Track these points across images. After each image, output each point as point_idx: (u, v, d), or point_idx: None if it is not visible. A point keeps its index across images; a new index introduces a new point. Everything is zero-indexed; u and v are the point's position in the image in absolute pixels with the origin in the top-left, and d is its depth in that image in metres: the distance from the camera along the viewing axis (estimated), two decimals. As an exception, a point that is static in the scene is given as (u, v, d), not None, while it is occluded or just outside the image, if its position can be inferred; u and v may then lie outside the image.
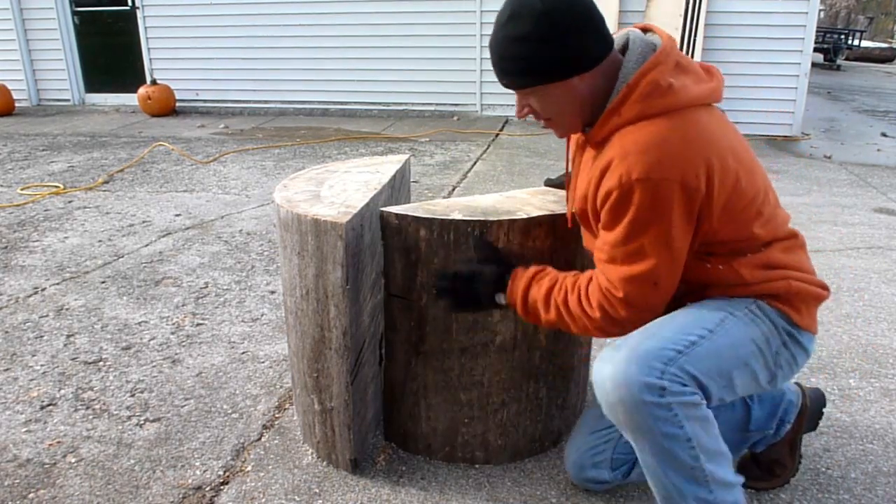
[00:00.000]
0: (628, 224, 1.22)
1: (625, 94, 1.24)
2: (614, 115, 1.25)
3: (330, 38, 7.36)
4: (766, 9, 6.18)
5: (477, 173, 4.85)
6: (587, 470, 1.57)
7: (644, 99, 1.22)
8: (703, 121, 1.24)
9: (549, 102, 1.30)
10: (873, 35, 24.48)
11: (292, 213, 1.51)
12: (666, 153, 1.19)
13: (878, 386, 2.12)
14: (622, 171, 1.19)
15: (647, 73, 1.23)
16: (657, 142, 1.19)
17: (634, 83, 1.23)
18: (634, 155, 1.19)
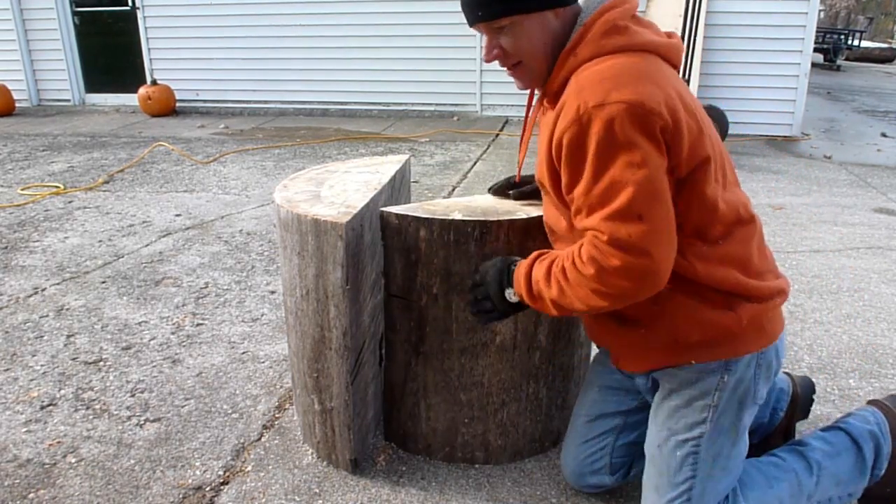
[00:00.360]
0: (592, 159, 1.15)
1: (581, 34, 1.24)
2: (570, 56, 1.24)
3: (330, 38, 7.36)
4: (766, 9, 6.18)
5: (477, 173, 4.85)
6: (587, 477, 1.58)
7: (600, 38, 1.22)
8: (661, 66, 1.23)
9: (523, 39, 1.28)
10: (873, 35, 24.48)
11: (292, 213, 1.51)
12: (624, 80, 1.16)
13: (878, 386, 2.12)
14: (578, 102, 1.16)
15: (605, 12, 1.23)
16: (614, 72, 1.17)
17: (591, 22, 1.23)
18: (590, 86, 1.17)
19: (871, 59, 17.06)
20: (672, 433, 1.37)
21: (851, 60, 16.61)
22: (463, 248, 1.53)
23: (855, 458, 1.47)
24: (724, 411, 1.35)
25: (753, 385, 1.36)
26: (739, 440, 1.39)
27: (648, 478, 1.43)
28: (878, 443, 1.49)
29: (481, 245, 1.52)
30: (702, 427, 1.35)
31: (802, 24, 6.16)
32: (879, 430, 1.50)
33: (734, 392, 1.34)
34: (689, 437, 1.36)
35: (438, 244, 1.53)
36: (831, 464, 1.45)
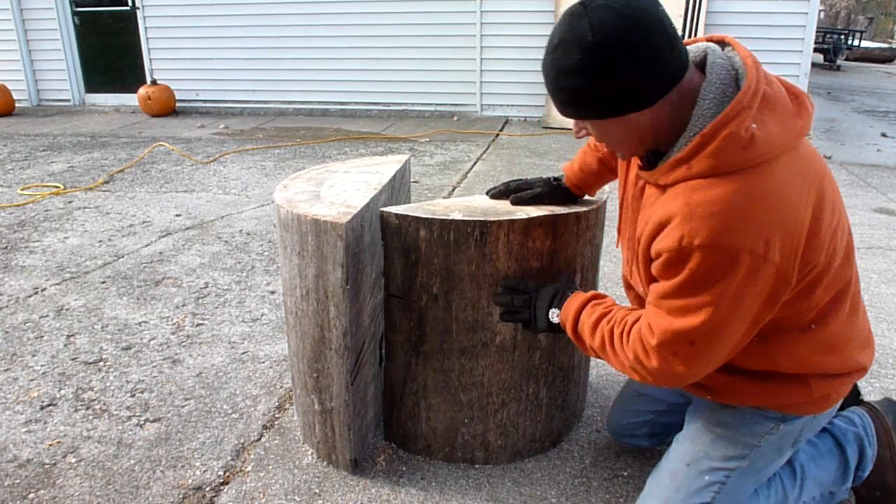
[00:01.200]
0: (680, 283, 1.11)
1: (698, 146, 1.08)
2: (682, 166, 1.11)
3: (330, 38, 7.36)
4: (766, 9, 6.18)
5: (477, 173, 4.85)
6: (624, 438, 1.74)
7: (719, 154, 1.07)
8: (782, 176, 1.09)
9: (604, 133, 1.18)
10: (873, 35, 24.49)
11: (292, 213, 1.51)
12: (736, 219, 1.05)
13: (879, 386, 2.12)
14: (683, 232, 1.07)
15: (727, 123, 1.07)
16: (728, 205, 1.05)
17: (711, 135, 1.07)
18: (699, 219, 1.06)
19: (871, 59, 17.06)
20: (707, 457, 1.37)
21: (851, 60, 16.61)
22: (463, 248, 1.53)
23: (839, 461, 1.48)
24: (764, 454, 1.35)
25: (799, 437, 1.38)
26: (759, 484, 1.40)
27: (660, 487, 1.41)
28: (862, 445, 1.49)
29: (481, 245, 1.52)
30: (738, 462, 1.35)
31: (802, 24, 6.17)
32: (865, 432, 1.50)
33: (780, 439, 1.35)
34: (722, 467, 1.36)
35: (438, 244, 1.53)
36: (815, 467, 1.46)
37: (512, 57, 6.99)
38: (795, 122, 1.12)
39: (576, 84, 1.09)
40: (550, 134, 6.38)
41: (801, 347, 1.24)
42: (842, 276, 1.23)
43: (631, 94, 1.08)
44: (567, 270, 1.61)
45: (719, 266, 1.07)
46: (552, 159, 5.33)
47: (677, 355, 1.16)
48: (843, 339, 1.27)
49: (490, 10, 6.90)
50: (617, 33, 1.04)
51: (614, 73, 1.06)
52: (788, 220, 1.07)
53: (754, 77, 1.09)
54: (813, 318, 1.23)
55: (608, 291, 2.84)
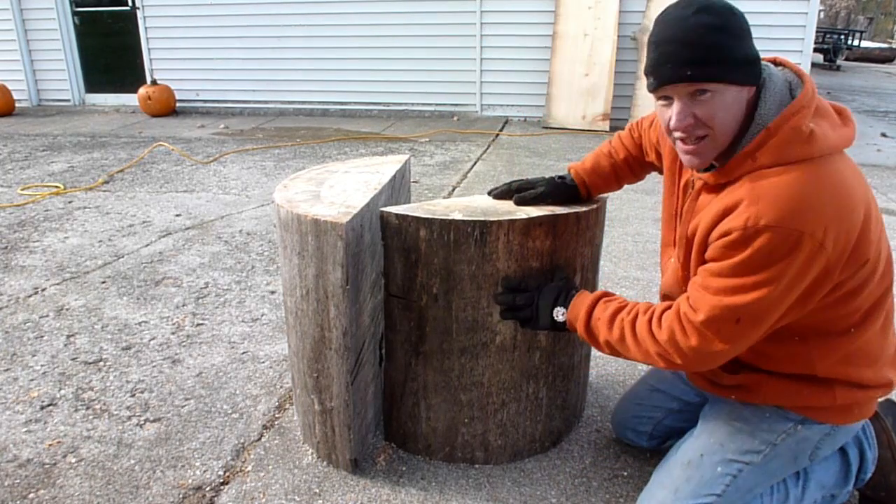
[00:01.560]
0: (739, 262, 1.17)
1: (763, 138, 1.18)
2: (749, 159, 1.19)
3: (330, 38, 7.36)
4: (766, 9, 6.18)
5: (477, 173, 4.85)
6: (627, 431, 1.75)
7: (784, 145, 1.16)
8: (840, 171, 1.18)
9: (721, 109, 1.19)
10: (873, 35, 24.49)
11: (292, 213, 1.51)
12: (801, 203, 1.13)
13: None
14: (751, 213, 1.14)
15: (791, 118, 1.17)
16: (793, 191, 1.13)
17: (776, 128, 1.17)
18: (768, 200, 1.14)
19: (871, 59, 17.06)
20: (723, 449, 1.39)
21: (851, 60, 16.61)
22: (463, 248, 1.53)
23: (840, 463, 1.48)
24: (779, 455, 1.37)
25: (816, 449, 1.39)
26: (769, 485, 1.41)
27: (669, 477, 1.42)
28: (862, 447, 1.49)
29: (481, 245, 1.52)
30: (753, 457, 1.37)
31: (802, 24, 6.17)
32: (864, 434, 1.50)
33: (798, 443, 1.37)
34: (737, 459, 1.37)
35: (438, 244, 1.53)
36: (818, 469, 1.46)
37: (512, 57, 6.99)
38: (844, 129, 1.22)
39: (725, 41, 1.16)
40: (550, 134, 6.38)
41: (839, 352, 1.29)
42: (883, 283, 1.28)
43: (756, 64, 1.19)
44: (565, 268, 1.61)
45: (782, 247, 1.13)
46: (552, 159, 5.33)
47: (720, 333, 1.21)
48: (876, 350, 1.32)
49: (490, 10, 6.90)
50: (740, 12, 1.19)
51: (748, 39, 1.18)
52: (845, 213, 1.15)
53: (810, 83, 1.21)
54: (853, 323, 1.27)
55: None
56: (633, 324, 1.33)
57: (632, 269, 3.06)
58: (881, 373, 1.34)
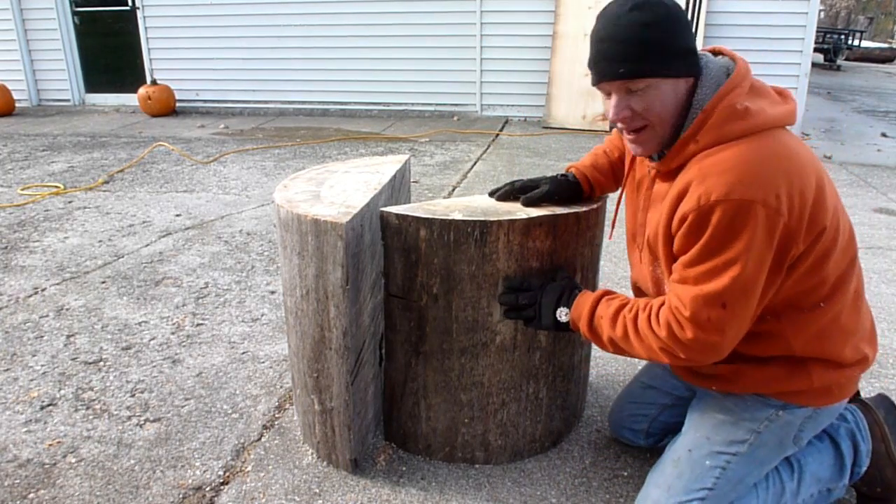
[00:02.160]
0: (703, 245, 1.20)
1: (701, 120, 1.22)
2: (690, 143, 1.24)
3: (330, 38, 7.36)
4: (766, 9, 6.18)
5: (477, 173, 4.85)
6: (624, 431, 1.76)
7: (721, 124, 1.21)
8: (785, 141, 1.22)
9: (656, 102, 1.25)
10: (873, 35, 24.49)
11: (292, 213, 1.51)
12: (747, 173, 1.16)
13: (879, 386, 2.12)
14: (701, 191, 1.18)
15: (723, 97, 1.21)
16: (737, 163, 1.17)
17: (710, 108, 1.21)
18: (714, 176, 1.17)
19: (871, 59, 17.06)
20: (709, 442, 1.41)
21: (851, 60, 16.61)
22: (463, 248, 1.53)
23: (834, 456, 1.50)
24: (764, 442, 1.39)
25: (799, 432, 1.40)
26: (760, 476, 1.42)
27: (662, 475, 1.44)
28: (855, 440, 1.51)
29: (481, 245, 1.52)
30: (739, 447, 1.39)
31: (802, 24, 6.17)
32: (857, 427, 1.52)
33: (781, 429, 1.38)
34: (723, 451, 1.39)
35: (438, 244, 1.53)
36: (812, 461, 1.47)
37: (512, 57, 6.99)
38: (784, 106, 1.26)
39: (656, 36, 1.20)
40: (550, 134, 6.38)
41: (812, 327, 1.30)
42: (846, 255, 1.30)
43: (693, 55, 1.24)
44: (566, 267, 1.61)
45: (737, 219, 1.16)
46: (552, 159, 5.33)
47: (711, 321, 1.22)
48: (849, 324, 1.33)
49: (490, 10, 6.90)
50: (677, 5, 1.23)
51: (685, 31, 1.23)
52: (795, 178, 1.17)
53: (743, 65, 1.26)
54: (823, 296, 1.29)
55: (608, 291, 2.84)
56: (636, 321, 1.34)
57: (632, 269, 3.06)
58: (857, 348, 1.35)
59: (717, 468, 1.38)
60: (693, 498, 1.37)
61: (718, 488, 1.37)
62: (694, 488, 1.38)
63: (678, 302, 1.25)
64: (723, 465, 1.38)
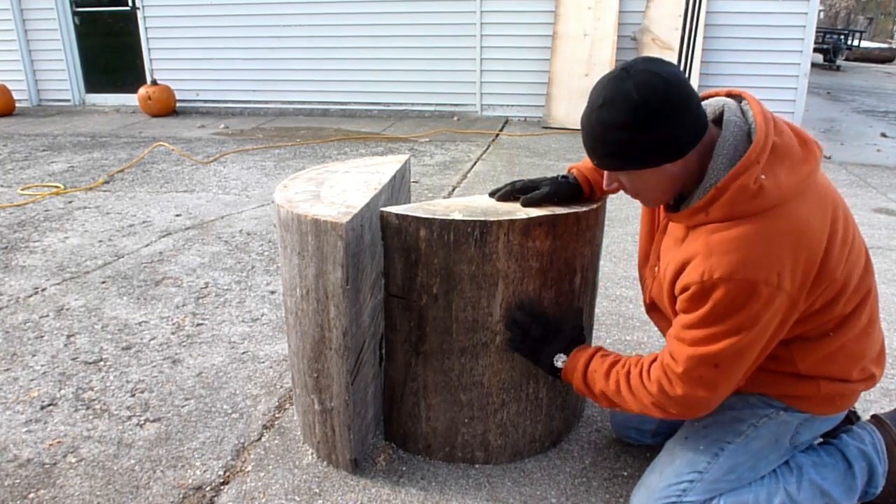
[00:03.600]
0: (703, 315, 1.23)
1: (713, 197, 1.22)
2: (701, 213, 1.25)
3: (330, 38, 7.36)
4: (766, 9, 6.18)
5: (477, 173, 4.85)
6: (630, 431, 1.76)
7: (731, 204, 1.21)
8: (793, 214, 1.21)
9: (640, 183, 1.30)
10: (873, 35, 24.49)
11: (292, 213, 1.52)
12: (750, 255, 1.18)
13: (879, 386, 2.12)
14: (704, 268, 1.20)
15: (738, 176, 1.20)
16: (743, 244, 1.19)
17: (724, 187, 1.21)
18: (719, 255, 1.20)
19: (871, 59, 17.06)
20: (707, 430, 1.44)
21: (851, 60, 16.61)
22: (463, 248, 1.53)
23: (843, 473, 1.48)
24: (760, 436, 1.41)
25: (796, 434, 1.42)
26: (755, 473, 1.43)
27: (658, 462, 1.49)
28: (871, 462, 1.49)
29: (481, 245, 1.52)
30: (735, 437, 1.42)
31: (802, 24, 6.17)
32: (874, 449, 1.50)
33: (778, 427, 1.41)
34: (719, 439, 1.42)
35: (438, 244, 1.54)
36: (814, 472, 1.46)
37: (512, 57, 6.99)
38: (803, 168, 1.24)
39: (622, 137, 1.21)
40: (550, 134, 6.38)
41: (820, 353, 1.33)
42: (861, 288, 1.33)
43: (669, 147, 1.21)
44: (567, 270, 1.61)
45: (739, 297, 1.19)
46: (552, 159, 5.33)
47: (702, 380, 1.27)
48: (858, 350, 1.36)
49: (490, 10, 6.90)
50: (657, 93, 1.18)
51: (656, 127, 1.19)
52: (800, 253, 1.19)
53: (763, 133, 1.21)
54: (831, 328, 1.32)
55: (608, 291, 2.84)
56: (628, 376, 1.39)
57: (632, 269, 3.06)
58: (865, 369, 1.38)
59: (709, 453, 1.42)
60: (683, 480, 1.41)
61: (709, 473, 1.40)
62: (685, 471, 1.42)
63: (670, 359, 1.30)
64: (716, 452, 1.42)
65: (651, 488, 1.45)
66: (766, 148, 1.21)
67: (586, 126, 1.27)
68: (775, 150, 1.22)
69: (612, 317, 2.61)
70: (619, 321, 2.57)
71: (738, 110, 1.27)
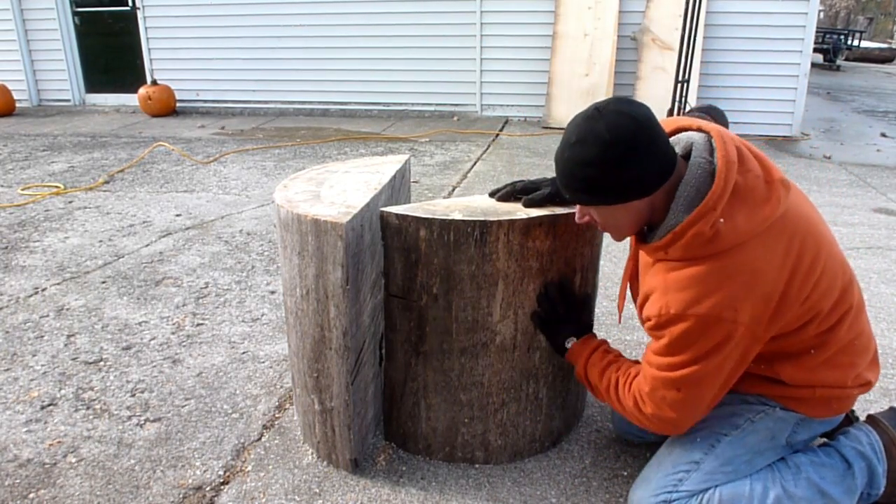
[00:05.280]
0: (664, 346, 1.31)
1: (670, 241, 1.28)
2: (661, 251, 1.32)
3: (330, 38, 7.36)
4: (766, 9, 6.18)
5: (477, 173, 4.85)
6: (632, 428, 1.76)
7: (687, 247, 1.27)
8: (748, 255, 1.25)
9: (609, 217, 1.35)
10: (873, 35, 24.49)
11: (292, 213, 1.52)
12: (704, 293, 1.24)
13: (879, 386, 2.12)
14: (661, 304, 1.29)
15: (694, 224, 1.25)
16: (696, 282, 1.25)
17: (681, 232, 1.26)
18: (674, 292, 1.27)
19: (871, 59, 17.05)
20: (704, 424, 1.46)
21: (851, 60, 16.61)
22: (463, 248, 1.53)
23: (842, 473, 1.47)
24: (757, 430, 1.43)
25: (793, 433, 1.45)
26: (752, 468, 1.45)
27: (657, 456, 1.52)
28: (870, 463, 1.49)
29: (481, 245, 1.52)
30: (732, 429, 1.44)
31: (802, 24, 6.17)
32: (873, 449, 1.50)
33: (775, 423, 1.43)
34: (717, 431, 1.45)
35: (438, 244, 1.54)
36: (812, 471, 1.46)
37: (512, 57, 6.99)
38: (763, 209, 1.26)
39: (592, 174, 1.26)
40: (550, 134, 6.38)
41: (805, 367, 1.37)
42: (838, 308, 1.35)
43: (636, 185, 1.26)
44: (567, 270, 1.61)
45: (693, 332, 1.26)
46: (552, 159, 5.31)
47: (665, 400, 1.35)
48: (847, 360, 1.38)
49: (490, 10, 6.90)
50: (627, 133, 1.22)
51: (625, 166, 1.24)
52: (754, 291, 1.24)
53: (723, 179, 1.25)
54: (810, 346, 1.36)
55: (608, 291, 2.84)
56: (617, 383, 1.47)
57: (632, 269, 3.06)
58: (859, 377, 1.41)
59: (706, 444, 1.45)
60: (679, 470, 1.44)
61: (705, 464, 1.43)
62: (682, 461, 1.45)
63: (641, 379, 1.39)
64: (712, 443, 1.44)
65: (649, 479, 1.48)
66: (724, 194, 1.25)
67: (560, 162, 1.32)
68: (736, 192, 1.26)
69: (612, 317, 2.61)
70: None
71: (705, 149, 1.30)
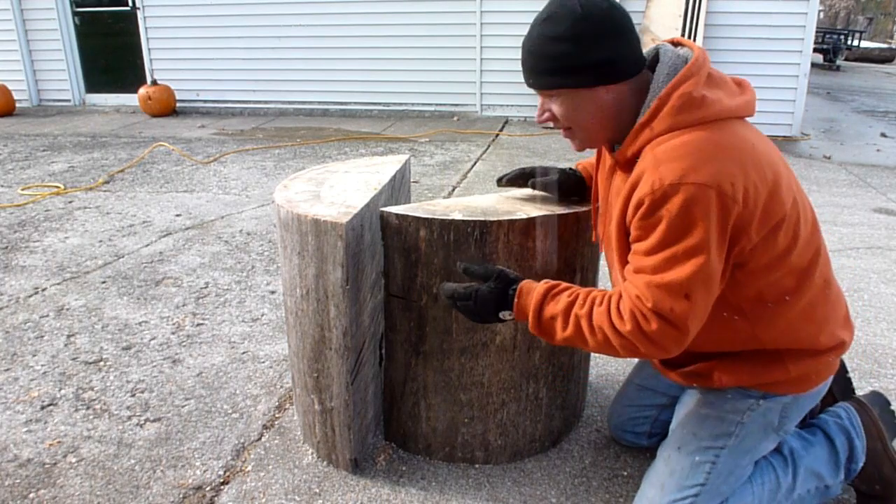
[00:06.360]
0: (661, 232, 1.16)
1: (656, 108, 1.20)
2: (645, 129, 1.21)
3: (330, 38, 7.36)
4: (766, 9, 6.18)
5: (477, 173, 4.85)
6: (626, 434, 1.76)
7: (676, 112, 1.18)
8: (739, 131, 1.20)
9: (572, 110, 1.27)
10: (873, 35, 24.48)
11: (292, 213, 1.52)
12: (700, 159, 1.14)
13: (879, 386, 2.12)
14: (655, 177, 1.15)
15: (679, 85, 1.19)
16: (691, 149, 1.15)
17: (666, 96, 1.19)
18: (667, 162, 1.15)
19: (871, 59, 17.05)
20: (696, 438, 1.42)
21: (851, 60, 16.61)
22: (463, 248, 1.53)
23: (829, 451, 1.50)
24: (750, 432, 1.40)
25: (782, 419, 1.41)
26: (752, 467, 1.43)
27: (656, 474, 1.46)
28: (849, 437, 1.51)
29: (481, 245, 1.52)
30: (726, 440, 1.40)
31: (802, 24, 6.16)
32: (851, 424, 1.53)
33: (763, 416, 1.39)
34: (711, 446, 1.40)
35: (438, 244, 1.54)
36: (806, 455, 1.48)
37: (512, 57, 6.98)
38: (742, 97, 1.24)
39: (563, 50, 1.21)
40: (550, 134, 6.38)
41: (781, 321, 1.30)
42: (812, 243, 1.29)
43: (609, 65, 1.22)
44: (567, 270, 1.61)
45: (693, 205, 1.13)
46: (552, 159, 5.33)
47: (674, 312, 1.17)
48: (820, 313, 1.33)
49: (490, 11, 6.90)
50: (601, 10, 1.20)
51: (598, 43, 1.20)
52: (750, 170, 1.16)
53: (701, 54, 1.23)
54: (787, 289, 1.27)
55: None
56: (590, 315, 1.25)
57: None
58: (833, 335, 1.35)
59: (706, 463, 1.40)
60: (687, 495, 1.39)
61: (710, 483, 1.39)
62: (687, 485, 1.39)
63: (639, 293, 1.19)
64: (712, 460, 1.40)
65: (654, 502, 1.42)
66: (704, 65, 1.21)
67: (527, 42, 1.26)
68: (711, 77, 1.22)
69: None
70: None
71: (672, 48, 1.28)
